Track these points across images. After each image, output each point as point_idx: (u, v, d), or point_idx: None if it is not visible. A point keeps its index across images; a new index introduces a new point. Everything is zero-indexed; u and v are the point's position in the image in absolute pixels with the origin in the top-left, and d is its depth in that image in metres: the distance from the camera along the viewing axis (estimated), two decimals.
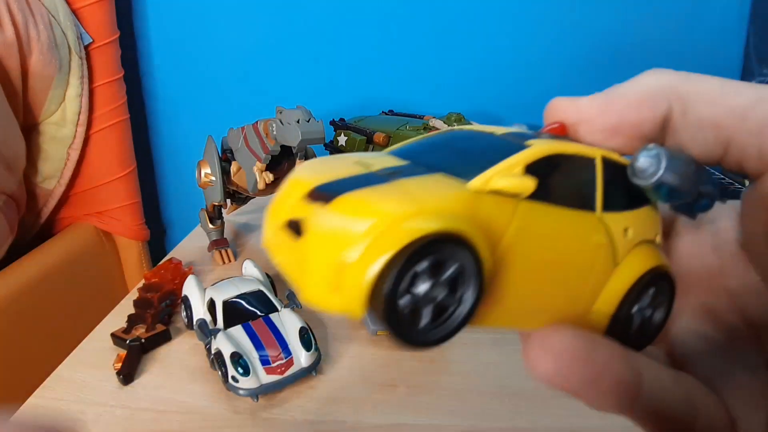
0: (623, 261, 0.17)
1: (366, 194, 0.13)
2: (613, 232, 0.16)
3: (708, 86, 0.16)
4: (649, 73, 0.17)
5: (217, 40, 0.93)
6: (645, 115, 0.16)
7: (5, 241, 0.73)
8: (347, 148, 0.76)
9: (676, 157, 0.16)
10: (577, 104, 0.17)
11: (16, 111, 0.75)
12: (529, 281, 0.15)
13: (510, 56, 0.91)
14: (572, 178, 0.16)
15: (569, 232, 0.15)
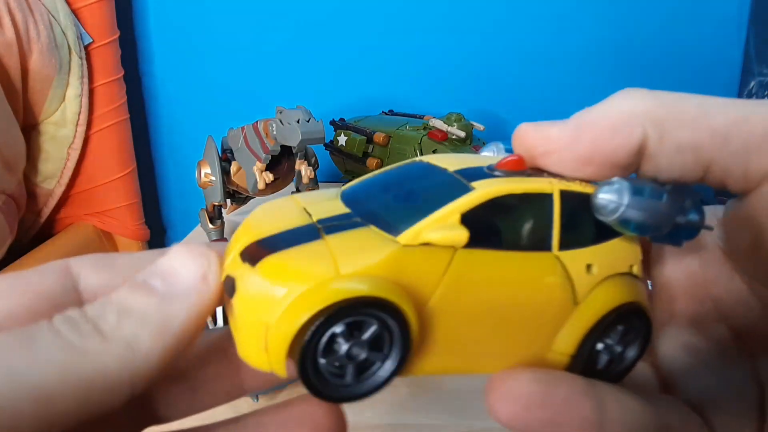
0: (586, 299, 0.16)
1: (291, 256, 0.13)
2: (571, 270, 0.15)
3: (686, 108, 0.15)
4: (622, 96, 0.16)
5: (217, 40, 0.93)
6: (619, 144, 0.15)
7: (5, 241, 0.73)
8: (347, 148, 0.76)
9: (641, 191, 0.15)
10: (545, 133, 0.16)
11: (16, 111, 0.75)
12: (474, 328, 0.15)
13: (510, 56, 0.91)
14: (522, 219, 0.15)
15: (517, 276, 0.15)
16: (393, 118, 0.81)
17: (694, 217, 0.16)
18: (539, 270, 0.15)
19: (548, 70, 0.91)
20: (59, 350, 0.12)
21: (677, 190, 0.16)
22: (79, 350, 0.12)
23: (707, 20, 0.86)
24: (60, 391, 0.12)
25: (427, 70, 0.92)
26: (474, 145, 0.71)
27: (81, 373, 0.12)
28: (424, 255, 0.13)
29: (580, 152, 0.15)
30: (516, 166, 0.15)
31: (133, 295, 0.14)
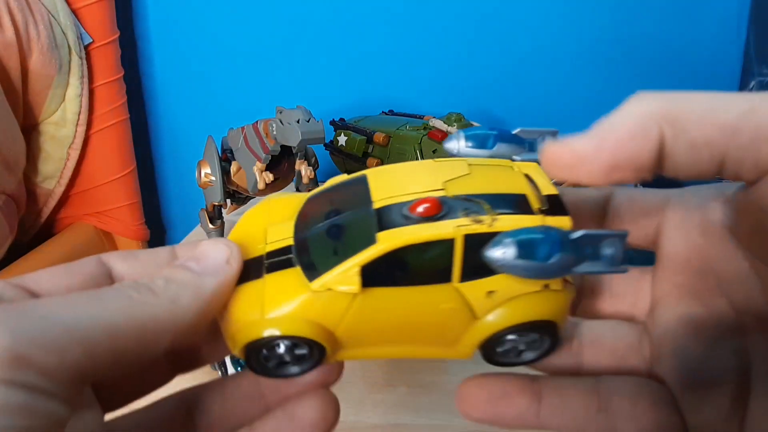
0: (485, 315, 0.19)
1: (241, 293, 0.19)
2: (470, 297, 0.18)
3: (696, 106, 0.16)
4: (635, 101, 0.17)
5: (217, 40, 0.93)
6: (639, 147, 0.16)
7: (5, 241, 0.73)
8: (347, 148, 0.77)
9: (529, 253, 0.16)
10: (571, 147, 0.17)
11: (16, 111, 0.75)
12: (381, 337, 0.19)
13: (510, 56, 0.91)
14: (423, 259, 0.18)
15: (415, 305, 0.18)
16: (393, 118, 0.81)
17: (600, 264, 0.18)
18: (437, 299, 0.18)
19: (548, 70, 0.91)
20: (123, 300, 0.17)
21: (587, 238, 0.17)
22: (137, 301, 0.17)
23: (707, 20, 0.86)
24: (123, 330, 0.16)
25: (427, 70, 0.92)
26: None
27: (138, 318, 0.17)
28: (329, 298, 0.18)
29: (606, 160, 0.17)
30: (429, 212, 0.17)
31: (175, 271, 0.18)
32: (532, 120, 0.94)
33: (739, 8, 0.85)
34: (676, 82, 0.90)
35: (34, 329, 0.15)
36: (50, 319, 0.15)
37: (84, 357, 0.15)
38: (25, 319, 0.15)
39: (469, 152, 0.21)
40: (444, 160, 0.20)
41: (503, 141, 0.21)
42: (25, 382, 0.14)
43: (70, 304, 0.16)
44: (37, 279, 0.19)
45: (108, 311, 0.16)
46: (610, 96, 0.92)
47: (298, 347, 0.19)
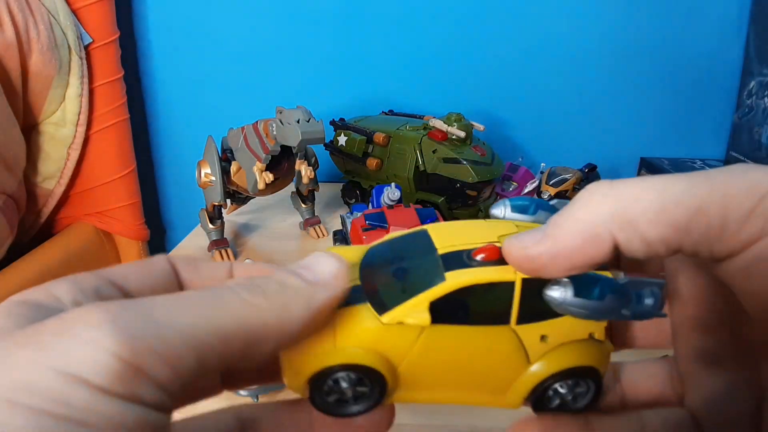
0: (538, 361, 0.20)
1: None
2: (525, 340, 0.20)
3: (646, 205, 0.16)
4: (584, 202, 0.17)
5: (217, 41, 0.93)
6: (593, 252, 0.17)
7: (5, 241, 0.73)
8: (347, 148, 0.77)
9: (585, 293, 0.18)
10: (527, 254, 0.18)
11: (16, 111, 0.75)
12: (441, 378, 0.20)
13: (510, 56, 0.91)
14: (485, 300, 0.19)
15: (476, 344, 0.19)
16: (393, 118, 0.81)
17: (644, 307, 0.19)
18: (496, 340, 0.19)
19: (548, 70, 0.91)
20: (236, 302, 0.16)
21: (631, 284, 0.19)
22: (250, 304, 0.16)
23: (707, 20, 0.86)
24: (234, 334, 0.16)
25: (427, 70, 0.92)
26: (474, 146, 0.71)
27: (250, 322, 0.16)
28: (398, 332, 0.19)
29: (562, 266, 0.17)
30: (491, 256, 0.19)
31: (287, 276, 0.18)
32: (532, 120, 0.94)
33: (739, 8, 0.85)
34: (676, 82, 0.90)
35: (152, 337, 0.14)
36: (166, 324, 0.14)
37: (196, 365, 0.15)
38: (141, 324, 0.14)
39: (513, 217, 0.23)
40: (494, 221, 0.22)
41: (542, 209, 0.23)
42: (141, 397, 0.14)
43: (185, 305, 0.15)
44: (123, 274, 0.19)
45: (222, 314, 0.16)
46: (610, 96, 0.92)
47: (361, 384, 0.20)
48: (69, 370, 0.13)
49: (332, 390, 0.20)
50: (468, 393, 0.21)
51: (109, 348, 0.13)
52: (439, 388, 0.20)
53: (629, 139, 0.94)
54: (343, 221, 0.66)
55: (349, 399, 0.20)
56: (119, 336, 0.14)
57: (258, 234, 0.77)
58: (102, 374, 0.13)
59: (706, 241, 0.16)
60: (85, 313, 0.14)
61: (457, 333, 0.19)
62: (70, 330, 0.14)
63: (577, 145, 0.94)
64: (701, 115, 0.91)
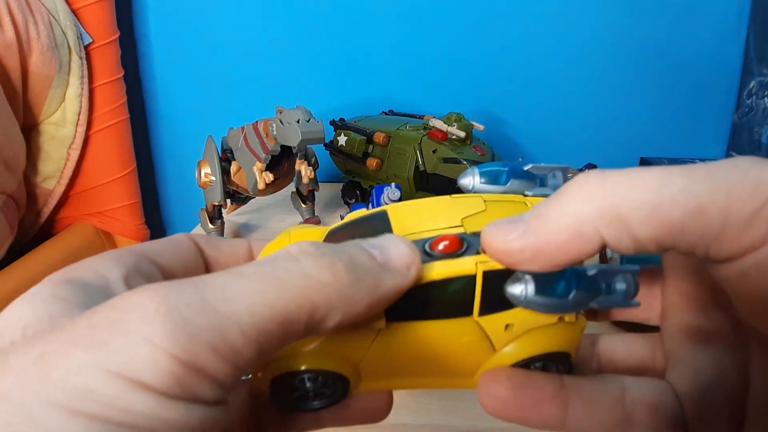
0: (503, 348, 0.19)
1: None
2: (489, 330, 0.19)
3: (639, 201, 0.15)
4: (573, 194, 0.16)
5: (217, 40, 0.93)
6: (578, 252, 0.16)
7: (5, 241, 0.73)
8: (347, 148, 0.76)
9: (547, 290, 0.17)
10: (508, 247, 0.16)
11: (16, 111, 0.75)
12: (405, 367, 0.19)
13: (510, 56, 0.91)
14: (445, 294, 0.18)
15: (437, 337, 0.19)
16: (393, 118, 0.81)
17: (615, 298, 0.18)
18: (459, 332, 0.19)
19: (548, 70, 0.91)
20: (300, 279, 0.15)
21: (601, 275, 0.18)
22: (315, 281, 0.15)
23: (707, 20, 0.86)
24: (296, 316, 0.14)
25: (427, 70, 0.92)
26: (474, 146, 0.71)
27: (313, 301, 0.15)
28: (354, 333, 0.18)
29: (544, 262, 0.16)
30: (451, 248, 0.18)
31: (358, 253, 0.17)
32: (532, 120, 0.94)
33: (739, 8, 0.85)
34: (676, 82, 0.90)
35: (210, 332, 0.13)
36: (225, 314, 0.13)
37: (256, 356, 0.14)
38: (198, 317, 0.13)
39: (483, 188, 0.21)
40: (460, 197, 0.21)
41: (515, 177, 0.22)
42: (201, 397, 0.13)
43: (242, 286, 0.14)
44: (156, 251, 0.18)
45: (284, 294, 0.14)
46: (609, 96, 0.92)
47: (325, 383, 0.19)
48: (127, 374, 0.12)
49: (295, 388, 0.19)
50: (436, 379, 0.20)
51: (167, 349, 0.13)
52: (403, 377, 0.20)
53: (629, 138, 0.94)
54: None
55: (311, 395, 0.19)
56: (176, 334, 0.13)
57: (258, 234, 0.77)
58: (161, 377, 0.13)
59: (703, 243, 0.15)
60: (138, 305, 0.13)
61: (417, 328, 0.18)
62: (125, 326, 0.13)
63: (577, 145, 0.94)
64: (701, 115, 0.91)
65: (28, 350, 0.13)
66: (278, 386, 0.19)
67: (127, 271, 0.17)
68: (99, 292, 0.16)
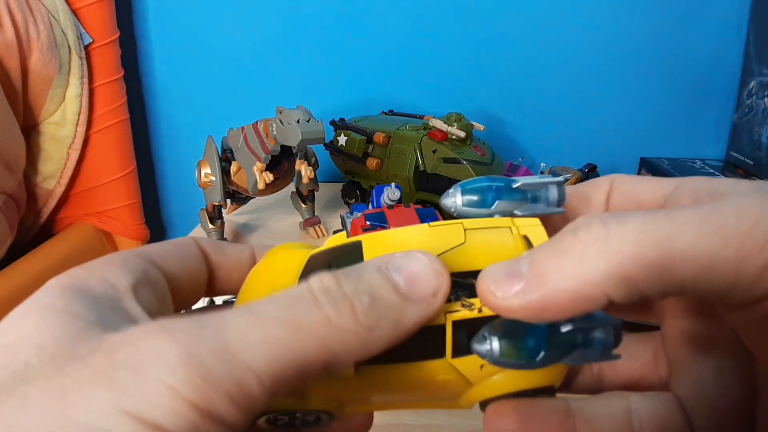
0: (479, 385, 0.19)
1: None
2: (463, 370, 0.18)
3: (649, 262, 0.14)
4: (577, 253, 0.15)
5: (217, 40, 0.93)
6: (581, 310, 0.15)
7: (5, 241, 0.73)
8: (347, 148, 0.76)
9: (514, 352, 0.16)
10: (507, 304, 0.16)
11: (16, 111, 0.75)
12: (384, 401, 0.19)
13: (510, 56, 0.91)
14: (415, 340, 0.17)
15: (411, 376, 0.18)
16: (393, 118, 0.81)
17: (591, 353, 0.17)
18: (432, 372, 0.18)
19: (548, 70, 0.91)
20: (320, 325, 0.14)
21: (577, 331, 0.17)
22: (335, 325, 0.15)
23: (707, 20, 0.86)
24: (313, 363, 0.14)
25: (427, 70, 0.92)
26: (474, 146, 0.71)
27: (332, 347, 0.14)
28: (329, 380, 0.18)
29: (545, 319, 0.16)
30: None
31: (382, 288, 0.16)
32: (532, 120, 0.94)
33: (739, 8, 0.85)
34: (676, 82, 0.90)
35: (226, 379, 0.13)
36: (243, 363, 0.13)
37: (268, 400, 0.14)
38: (217, 364, 0.13)
39: (466, 212, 0.20)
40: (439, 225, 0.19)
41: (503, 197, 0.20)
42: None
43: (261, 332, 0.14)
44: (162, 255, 0.18)
45: (303, 341, 0.14)
46: (610, 96, 0.92)
47: (309, 414, 0.19)
48: (146, 417, 0.13)
49: (280, 420, 0.19)
50: (418, 404, 0.20)
51: (185, 395, 0.13)
52: (387, 405, 0.20)
53: (629, 138, 0.94)
54: (343, 221, 0.66)
55: (298, 424, 0.19)
56: (195, 381, 0.13)
57: (258, 234, 0.77)
58: (177, 423, 0.13)
59: (714, 295, 0.15)
60: (159, 348, 0.13)
61: (390, 370, 0.18)
62: (146, 369, 0.13)
63: (577, 145, 0.94)
64: (701, 115, 0.91)
65: (48, 384, 0.13)
66: (265, 419, 0.19)
67: (136, 279, 0.17)
68: (110, 306, 0.16)
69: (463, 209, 0.20)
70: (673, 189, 0.20)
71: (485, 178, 0.20)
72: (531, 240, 0.19)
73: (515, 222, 0.19)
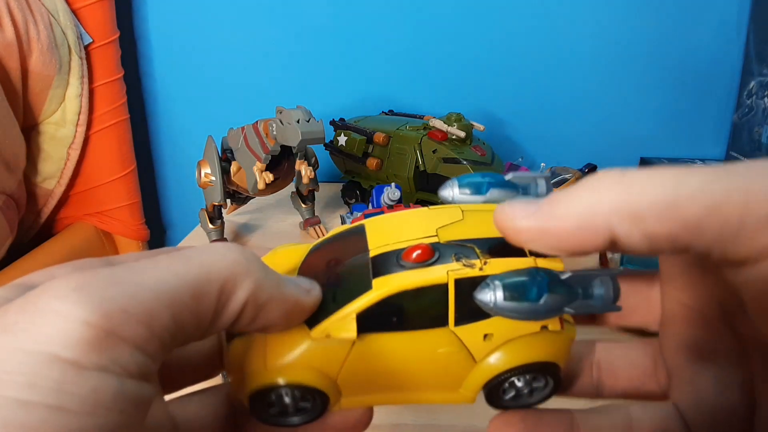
0: (484, 359, 0.19)
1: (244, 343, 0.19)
2: (467, 341, 0.18)
3: (655, 198, 0.15)
4: (589, 187, 0.16)
5: (217, 40, 0.93)
6: (584, 241, 0.16)
7: (5, 241, 0.73)
8: (347, 148, 0.77)
9: (517, 295, 0.17)
10: (515, 225, 0.16)
11: (16, 111, 0.75)
12: (384, 382, 0.19)
13: (510, 56, 0.91)
14: (418, 305, 0.18)
15: (413, 349, 0.18)
16: (393, 118, 0.81)
17: (592, 303, 0.17)
18: (435, 343, 0.18)
19: (548, 70, 0.91)
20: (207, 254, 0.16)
21: (575, 279, 0.17)
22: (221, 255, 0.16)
23: (707, 21, 0.86)
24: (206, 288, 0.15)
25: (427, 70, 0.92)
26: (474, 146, 0.71)
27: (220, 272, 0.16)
28: (329, 345, 0.18)
29: (549, 244, 0.16)
30: (422, 257, 0.18)
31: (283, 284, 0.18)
32: (532, 120, 0.94)
33: (739, 8, 0.85)
34: (676, 82, 0.90)
35: (122, 297, 0.13)
36: (137, 283, 0.14)
37: (172, 323, 0.14)
38: (111, 286, 0.13)
39: (463, 199, 0.21)
40: (438, 208, 0.21)
41: (496, 187, 0.21)
42: (118, 364, 0.13)
43: (156, 263, 0.15)
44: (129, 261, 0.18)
45: (192, 266, 0.15)
46: (610, 96, 0.92)
47: (304, 398, 0.19)
48: (38, 348, 0.12)
49: (274, 403, 0.19)
50: (418, 393, 0.20)
51: (78, 316, 0.13)
52: (385, 391, 0.20)
53: (629, 139, 0.94)
54: (343, 221, 0.66)
55: (290, 411, 0.19)
56: (88, 302, 0.13)
57: (258, 234, 0.77)
58: (73, 346, 0.12)
59: (720, 244, 0.15)
60: (52, 285, 0.13)
61: (392, 339, 0.18)
62: (36, 304, 0.13)
63: (577, 145, 0.94)
64: (701, 115, 0.91)
65: None
66: (257, 401, 0.19)
67: None
68: None
69: (459, 197, 0.21)
70: None
71: (479, 174, 0.21)
72: None
73: None
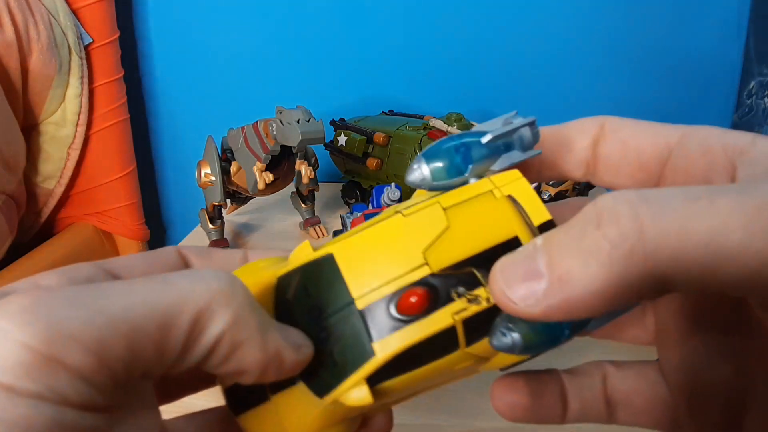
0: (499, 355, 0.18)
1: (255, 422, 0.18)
2: (480, 352, 0.17)
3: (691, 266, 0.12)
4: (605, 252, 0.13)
5: (217, 40, 0.93)
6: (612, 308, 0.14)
7: (5, 241, 0.73)
8: (347, 148, 0.77)
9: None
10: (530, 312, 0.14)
11: (16, 111, 0.75)
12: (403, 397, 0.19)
13: (510, 56, 0.91)
14: (428, 347, 0.17)
15: (428, 375, 0.17)
16: (393, 118, 0.81)
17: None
18: (449, 363, 0.17)
19: (547, 70, 0.91)
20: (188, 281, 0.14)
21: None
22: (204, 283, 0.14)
23: (707, 20, 0.86)
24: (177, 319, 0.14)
25: (427, 70, 0.92)
26: None
27: (196, 302, 0.14)
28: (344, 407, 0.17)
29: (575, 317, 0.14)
30: (419, 308, 0.16)
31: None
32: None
33: (739, 8, 0.85)
34: (676, 82, 0.90)
35: (72, 321, 0.12)
36: (93, 307, 0.13)
37: (126, 353, 0.13)
38: (64, 309, 0.12)
39: (438, 185, 0.18)
40: (413, 211, 0.17)
41: (473, 156, 0.18)
42: (55, 392, 0.12)
43: (122, 287, 0.14)
44: (126, 265, 0.18)
45: (167, 294, 0.14)
46: (610, 96, 0.92)
47: None
48: None
49: None
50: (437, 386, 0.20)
51: (18, 339, 0.12)
52: (405, 400, 0.20)
53: None
54: (343, 221, 0.66)
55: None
56: (33, 324, 0.12)
57: (258, 234, 0.77)
58: (8, 370, 0.12)
59: (762, 297, 0.13)
60: (6, 302, 0.12)
61: (407, 377, 0.17)
62: None
63: None
64: (701, 115, 0.91)
65: None
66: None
67: (68, 282, 0.16)
68: None
69: (434, 183, 0.18)
70: (679, 141, 0.18)
71: (448, 138, 0.18)
72: (517, 199, 0.17)
73: (494, 182, 0.18)
